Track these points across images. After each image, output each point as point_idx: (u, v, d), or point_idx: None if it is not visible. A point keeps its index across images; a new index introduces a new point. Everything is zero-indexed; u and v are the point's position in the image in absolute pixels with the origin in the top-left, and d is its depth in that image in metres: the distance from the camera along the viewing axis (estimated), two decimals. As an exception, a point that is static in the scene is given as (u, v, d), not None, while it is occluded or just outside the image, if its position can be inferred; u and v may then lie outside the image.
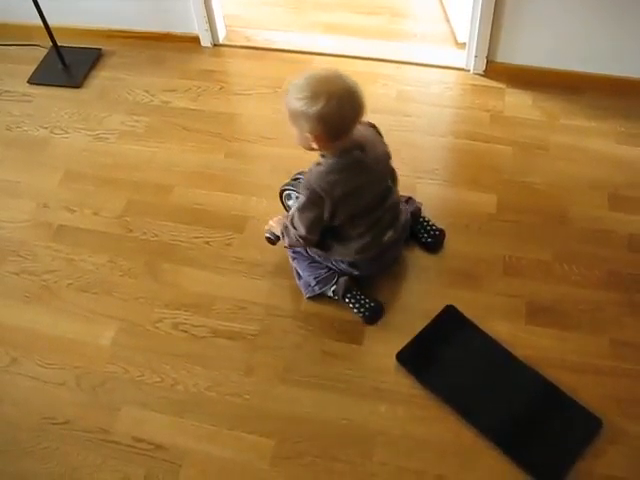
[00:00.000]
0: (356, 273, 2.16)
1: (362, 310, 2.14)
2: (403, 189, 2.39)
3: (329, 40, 3.07)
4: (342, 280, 2.15)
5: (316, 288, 2.17)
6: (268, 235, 2.23)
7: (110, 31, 3.16)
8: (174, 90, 2.91)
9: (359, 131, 1.91)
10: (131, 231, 2.44)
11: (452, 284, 2.22)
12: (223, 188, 2.54)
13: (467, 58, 2.84)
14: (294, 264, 2.23)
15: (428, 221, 2.33)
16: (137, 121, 2.81)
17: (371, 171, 1.95)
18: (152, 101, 2.89)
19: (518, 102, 2.76)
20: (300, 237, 2.00)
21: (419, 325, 2.11)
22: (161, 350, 2.13)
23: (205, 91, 2.90)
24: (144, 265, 2.35)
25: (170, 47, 3.12)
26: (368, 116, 2.67)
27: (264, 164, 2.61)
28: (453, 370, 2.03)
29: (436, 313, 2.14)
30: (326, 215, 1.93)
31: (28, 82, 3.04)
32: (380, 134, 2.09)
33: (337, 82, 1.78)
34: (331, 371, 2.05)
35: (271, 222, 2.21)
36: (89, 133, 2.79)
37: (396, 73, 2.91)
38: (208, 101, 2.85)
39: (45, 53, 3.10)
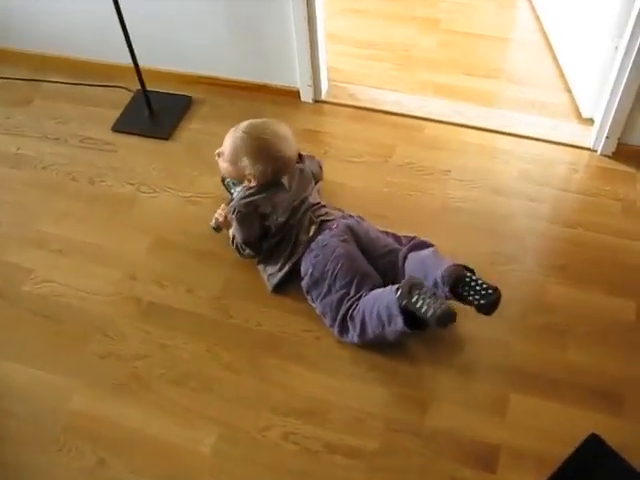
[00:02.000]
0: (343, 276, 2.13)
1: (433, 308, 1.87)
2: (529, 286, 2.29)
3: (442, 104, 2.88)
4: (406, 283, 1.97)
5: (399, 321, 1.97)
6: (214, 226, 2.40)
7: (201, 77, 2.98)
8: (273, 150, 2.71)
9: None
10: (231, 317, 2.25)
11: (591, 406, 2.01)
12: (332, 272, 2.32)
13: (596, 137, 2.64)
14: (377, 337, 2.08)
15: (477, 280, 2.00)
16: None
17: (288, 191, 2.29)
18: (247, 162, 2.69)
19: (652, 192, 2.56)
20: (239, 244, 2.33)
21: (556, 452, 1.88)
22: (269, 463, 1.93)
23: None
24: (247, 359, 2.15)
25: (266, 99, 2.93)
26: (489, 196, 2.54)
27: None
28: (601, 513, 1.83)
29: (575, 438, 1.91)
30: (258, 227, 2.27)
31: (112, 129, 2.86)
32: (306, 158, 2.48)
33: (285, 144, 2.27)
34: (462, 503, 1.85)
35: (218, 215, 2.39)
36: (180, 194, 2.60)
37: (516, 148, 2.71)
38: (312, 167, 2.65)
39: (131, 97, 2.92)
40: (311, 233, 2.24)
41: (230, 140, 2.26)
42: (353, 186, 2.60)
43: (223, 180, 2.50)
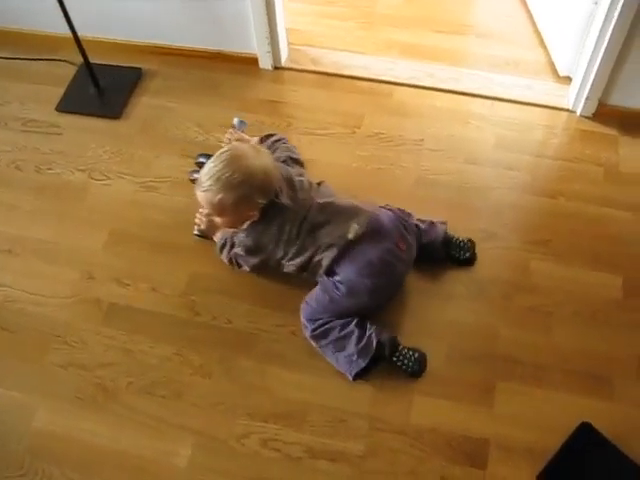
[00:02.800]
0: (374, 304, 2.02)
1: (410, 364, 1.97)
2: (512, 264, 2.20)
3: (410, 66, 2.71)
4: (386, 338, 1.95)
5: (360, 361, 1.94)
6: (198, 233, 2.23)
7: (150, 47, 2.75)
8: (233, 126, 2.51)
9: None
10: (199, 314, 2.11)
11: (581, 390, 1.95)
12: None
13: (575, 98, 2.51)
14: (325, 350, 2.00)
15: (457, 237, 2.20)
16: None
17: (289, 207, 1.99)
18: (207, 139, 2.51)
19: (634, 154, 2.45)
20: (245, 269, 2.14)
21: (547, 442, 1.85)
22: (250, 474, 1.84)
23: (270, 128, 2.52)
24: (219, 361, 2.02)
25: (222, 68, 2.73)
26: (465, 167, 2.41)
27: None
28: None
29: (566, 426, 1.88)
30: (265, 257, 2.04)
31: (57, 109, 2.63)
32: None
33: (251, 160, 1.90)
34: (454, 503, 1.78)
35: (198, 220, 2.20)
36: (135, 180, 2.42)
37: (490, 113, 2.57)
38: (276, 142, 2.47)
39: (75, 71, 2.69)
40: (352, 235, 1.95)
41: (214, 200, 1.88)
42: (320, 161, 2.44)
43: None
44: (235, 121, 2.27)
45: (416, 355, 1.97)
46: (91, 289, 2.17)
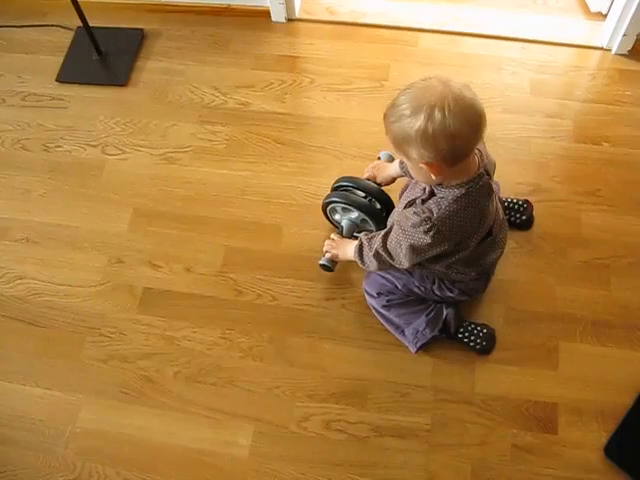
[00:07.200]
0: (462, 298, 1.92)
1: (478, 341, 1.94)
2: (563, 217, 2.16)
3: (434, 10, 2.62)
4: (451, 312, 1.92)
5: (427, 332, 1.91)
6: (325, 263, 1.97)
7: (152, 5, 2.62)
8: (251, 86, 2.44)
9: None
10: (241, 293, 2.06)
11: (646, 345, 1.96)
12: (347, 226, 2.11)
13: (610, 35, 2.45)
14: (390, 316, 1.94)
15: (512, 199, 2.14)
16: (213, 132, 2.34)
17: (493, 197, 1.64)
18: (226, 102, 2.42)
19: (678, 92, 2.41)
20: (399, 266, 1.73)
21: (616, 401, 1.86)
22: (316, 458, 1.82)
23: (292, 87, 2.44)
24: (269, 341, 1.99)
25: (231, 23, 2.61)
26: (503, 116, 2.36)
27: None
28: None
29: (634, 383, 1.89)
30: (439, 251, 1.63)
31: (57, 80, 2.51)
32: None
33: (438, 88, 1.39)
34: (528, 471, 1.79)
35: (328, 246, 1.97)
36: (153, 152, 2.33)
37: (522, 56, 2.50)
38: (299, 101, 2.40)
39: (72, 37, 2.55)
40: (489, 259, 1.83)
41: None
42: (348, 119, 2.37)
43: (325, 208, 2.06)
44: (382, 154, 2.07)
45: (485, 331, 1.94)
46: (121, 274, 2.11)
